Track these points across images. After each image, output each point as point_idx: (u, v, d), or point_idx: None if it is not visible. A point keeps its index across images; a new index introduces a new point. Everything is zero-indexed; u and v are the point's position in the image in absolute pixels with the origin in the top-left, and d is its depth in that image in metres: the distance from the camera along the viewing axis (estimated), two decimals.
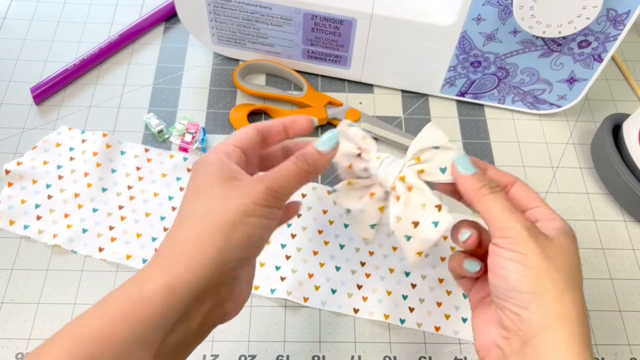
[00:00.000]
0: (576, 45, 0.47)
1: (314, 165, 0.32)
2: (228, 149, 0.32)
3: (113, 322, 0.25)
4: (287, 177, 0.30)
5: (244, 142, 0.33)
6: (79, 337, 0.25)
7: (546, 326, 0.28)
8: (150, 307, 0.26)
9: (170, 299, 0.26)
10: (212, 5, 0.51)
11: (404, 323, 0.43)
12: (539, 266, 0.29)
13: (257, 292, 0.44)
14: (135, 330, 0.25)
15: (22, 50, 0.57)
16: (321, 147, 0.32)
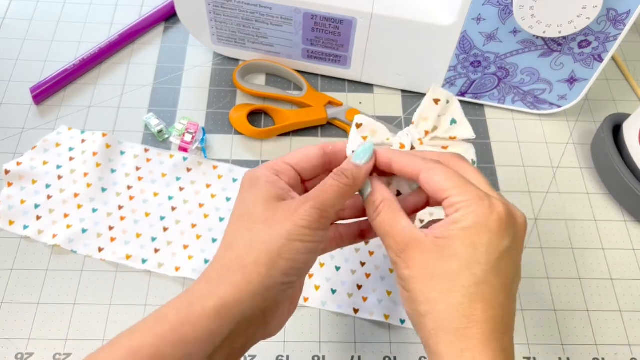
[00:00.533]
0: (576, 45, 0.47)
1: (354, 180, 0.31)
2: (279, 167, 0.31)
3: (164, 340, 0.26)
4: (331, 194, 0.30)
5: (304, 163, 0.32)
6: (128, 352, 0.26)
7: None
8: (198, 328, 0.26)
9: (218, 321, 0.27)
10: (212, 5, 0.51)
11: (404, 323, 0.43)
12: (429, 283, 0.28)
13: None
14: (183, 349, 0.26)
15: (21, 50, 0.57)
16: (358, 160, 0.31)
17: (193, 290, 0.28)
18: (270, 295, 0.28)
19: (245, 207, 0.30)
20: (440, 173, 0.29)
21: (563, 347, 0.43)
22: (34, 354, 0.41)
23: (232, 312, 0.27)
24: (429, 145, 0.36)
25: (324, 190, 0.30)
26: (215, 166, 0.50)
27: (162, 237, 0.46)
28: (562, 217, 0.49)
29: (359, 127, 0.35)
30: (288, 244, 0.28)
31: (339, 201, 0.30)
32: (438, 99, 0.35)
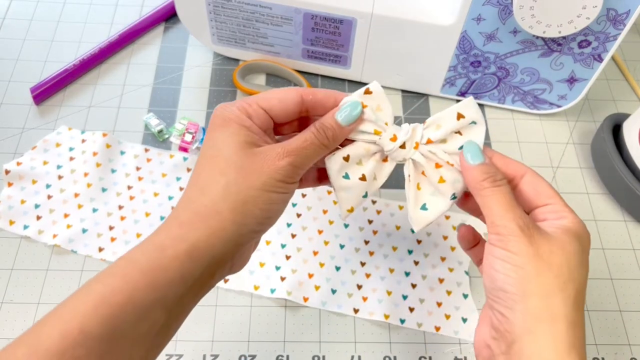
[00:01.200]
0: (576, 45, 0.47)
1: (334, 139, 0.31)
2: (253, 110, 0.31)
3: (135, 285, 0.26)
4: (309, 150, 0.30)
5: (278, 109, 0.31)
6: (100, 297, 0.26)
7: (530, 329, 0.27)
8: (170, 271, 0.27)
9: (190, 264, 0.27)
10: (212, 5, 0.51)
11: (404, 323, 0.43)
12: (527, 266, 0.28)
13: (257, 292, 0.44)
14: (155, 293, 0.26)
15: (21, 50, 0.57)
16: (342, 120, 0.31)
17: (163, 233, 0.28)
18: (242, 241, 0.29)
19: (217, 148, 0.30)
20: (545, 180, 0.32)
21: None
22: None
23: (204, 256, 0.28)
24: (423, 153, 0.33)
25: (304, 147, 0.30)
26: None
27: None
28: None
29: (366, 94, 0.33)
30: (264, 195, 0.29)
31: (314, 159, 0.31)
32: (463, 115, 0.33)
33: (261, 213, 0.29)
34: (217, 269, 0.29)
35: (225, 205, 0.28)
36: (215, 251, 0.28)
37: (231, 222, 0.28)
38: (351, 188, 0.33)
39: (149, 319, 0.26)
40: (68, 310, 0.25)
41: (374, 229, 0.47)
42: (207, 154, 0.30)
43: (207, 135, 0.31)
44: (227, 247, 0.28)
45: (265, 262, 0.45)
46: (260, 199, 0.29)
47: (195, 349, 0.41)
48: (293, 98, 0.32)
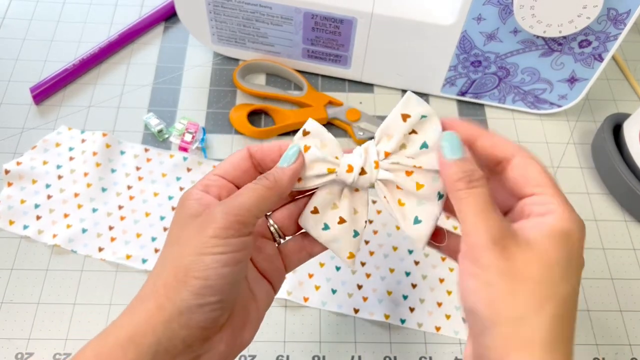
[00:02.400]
0: (577, 45, 0.47)
1: (276, 182, 0.29)
2: (209, 180, 0.30)
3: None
4: (246, 197, 0.28)
5: (232, 170, 0.30)
6: None
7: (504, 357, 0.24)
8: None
9: (133, 352, 0.25)
10: (212, 4, 0.51)
11: (405, 323, 0.43)
12: (499, 284, 0.24)
13: None
14: None
15: (21, 50, 0.57)
16: (281, 162, 0.30)
17: (112, 324, 0.26)
18: (191, 319, 0.25)
19: (172, 230, 0.28)
20: (536, 164, 0.27)
21: None
22: (34, 354, 0.40)
23: (147, 340, 0.25)
24: (387, 169, 0.30)
25: (238, 193, 0.28)
26: (216, 166, 0.50)
27: (162, 237, 0.46)
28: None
29: (305, 135, 0.31)
30: (197, 260, 0.25)
31: (257, 205, 0.28)
32: (408, 115, 0.30)
33: (197, 282, 0.25)
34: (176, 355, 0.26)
35: (160, 282, 0.26)
36: (158, 335, 0.25)
37: (166, 299, 0.25)
38: (337, 236, 0.32)
39: None
40: None
41: (374, 229, 0.47)
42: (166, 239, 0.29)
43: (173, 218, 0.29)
44: (172, 329, 0.25)
45: None
46: (193, 266, 0.25)
47: None
48: (242, 154, 0.31)
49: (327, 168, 0.31)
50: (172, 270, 0.26)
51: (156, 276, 0.27)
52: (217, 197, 0.29)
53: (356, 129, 0.52)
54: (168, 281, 0.26)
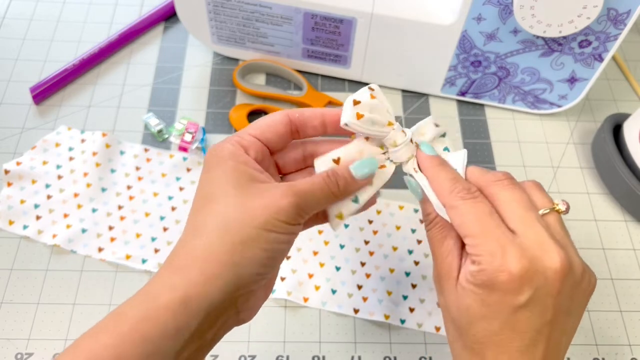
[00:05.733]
0: (577, 45, 0.47)
1: (344, 190, 0.29)
2: (246, 140, 0.29)
3: (124, 341, 0.24)
4: (316, 195, 0.28)
5: (269, 133, 0.30)
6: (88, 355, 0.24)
7: None
8: (162, 323, 0.24)
9: (185, 314, 0.25)
10: (212, 4, 0.51)
11: (404, 323, 0.43)
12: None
13: None
14: (146, 347, 0.24)
15: (21, 49, 0.57)
16: (356, 173, 0.29)
17: (156, 282, 0.26)
18: (242, 285, 0.26)
19: (212, 188, 0.27)
20: (465, 213, 0.28)
21: None
22: (33, 354, 0.40)
23: (200, 305, 0.25)
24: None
25: (311, 190, 0.28)
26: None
27: (162, 237, 0.46)
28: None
29: (355, 105, 0.30)
30: (265, 234, 0.26)
31: (320, 204, 0.29)
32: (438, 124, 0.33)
33: (263, 254, 0.26)
34: (217, 318, 0.26)
35: (221, 246, 0.26)
36: (212, 299, 0.25)
37: (229, 265, 0.25)
38: None
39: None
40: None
41: (374, 229, 0.47)
42: (202, 195, 0.28)
43: (202, 177, 0.28)
44: (227, 294, 0.26)
45: None
46: (262, 239, 0.26)
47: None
48: (281, 119, 0.30)
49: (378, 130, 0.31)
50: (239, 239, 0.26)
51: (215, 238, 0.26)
52: (255, 157, 0.29)
53: None
54: (234, 247, 0.26)
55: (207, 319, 0.26)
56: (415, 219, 0.48)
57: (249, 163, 0.28)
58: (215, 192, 0.27)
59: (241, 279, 0.26)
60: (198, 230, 0.27)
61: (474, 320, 0.28)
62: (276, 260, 0.28)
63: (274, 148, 0.31)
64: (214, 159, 0.28)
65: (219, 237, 0.26)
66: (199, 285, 0.25)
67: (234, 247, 0.26)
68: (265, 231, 0.26)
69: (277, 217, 0.26)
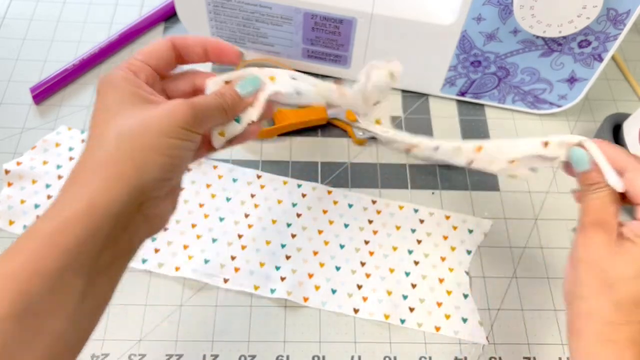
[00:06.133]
0: (576, 45, 0.47)
1: (233, 105, 0.32)
2: (135, 65, 0.31)
3: (40, 255, 0.25)
4: (210, 107, 0.30)
5: (155, 58, 0.32)
6: (5, 275, 0.24)
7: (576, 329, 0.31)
8: (75, 231, 0.25)
9: (94, 220, 0.26)
10: (212, 4, 0.51)
11: (404, 323, 0.43)
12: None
13: (257, 292, 0.44)
14: (62, 257, 0.25)
15: (21, 50, 0.57)
16: (241, 91, 0.32)
17: (62, 197, 0.27)
18: (146, 190, 0.28)
19: (109, 107, 0.29)
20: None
21: (563, 347, 0.43)
22: None
23: (107, 210, 0.26)
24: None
25: (203, 98, 0.31)
26: (215, 166, 0.50)
27: (162, 237, 0.46)
28: (562, 217, 0.49)
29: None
30: (165, 140, 0.28)
31: (214, 115, 0.31)
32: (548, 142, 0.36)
33: (163, 159, 0.28)
34: (127, 224, 0.28)
35: (123, 154, 0.27)
36: (118, 203, 0.26)
37: (131, 169, 0.27)
38: None
39: (63, 287, 0.25)
40: None
41: (374, 229, 0.47)
42: (98, 117, 0.29)
43: (97, 104, 0.29)
44: (131, 198, 0.27)
45: (265, 262, 0.45)
46: (162, 145, 0.28)
47: (195, 349, 0.41)
48: (165, 44, 0.32)
49: None
50: (139, 145, 0.27)
51: (115, 148, 0.27)
52: (146, 81, 0.30)
53: (356, 129, 0.52)
54: (135, 153, 0.27)
55: (117, 224, 0.27)
56: (415, 219, 0.48)
57: (142, 86, 0.30)
58: (111, 110, 0.28)
59: (144, 183, 0.27)
60: (98, 143, 0.28)
61: (633, 278, 0.30)
62: (176, 167, 0.29)
63: (161, 72, 0.32)
64: (106, 85, 0.29)
65: (118, 146, 0.27)
66: (103, 191, 0.26)
67: (134, 153, 0.27)
68: (165, 137, 0.28)
69: (176, 124, 0.28)
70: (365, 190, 0.49)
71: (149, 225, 0.30)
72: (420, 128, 0.53)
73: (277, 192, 0.49)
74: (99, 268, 0.27)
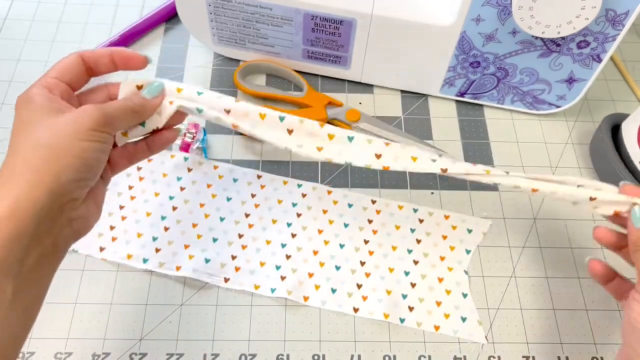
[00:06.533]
0: (575, 46, 0.47)
1: (141, 108, 0.34)
2: (50, 83, 0.32)
3: None
4: (119, 110, 0.33)
5: (67, 74, 0.33)
6: None
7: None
8: (1, 234, 0.27)
9: (19, 220, 0.27)
10: (213, 5, 0.51)
11: (404, 322, 0.43)
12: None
13: (257, 291, 0.44)
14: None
15: (22, 50, 0.57)
16: (147, 94, 0.35)
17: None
18: (65, 191, 0.29)
19: (27, 121, 0.30)
20: None
21: (562, 346, 0.43)
22: (35, 353, 0.41)
23: (30, 210, 0.28)
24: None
25: (115, 107, 0.33)
26: (216, 166, 0.50)
27: (163, 236, 0.46)
28: (561, 217, 0.49)
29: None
30: (77, 143, 0.30)
31: (124, 118, 0.33)
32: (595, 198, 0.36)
33: (77, 161, 0.30)
34: (52, 225, 0.29)
35: (38, 158, 0.29)
36: (40, 204, 0.28)
37: (48, 172, 0.29)
38: None
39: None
40: None
41: (374, 228, 0.47)
42: (16, 131, 0.30)
43: (14, 121, 0.31)
44: (52, 199, 0.29)
45: (266, 261, 0.45)
46: (75, 147, 0.30)
47: (195, 348, 0.42)
48: (75, 59, 0.34)
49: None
50: (53, 149, 0.29)
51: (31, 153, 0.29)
52: (61, 97, 0.32)
53: (356, 130, 0.52)
54: (49, 157, 0.29)
55: (40, 225, 0.28)
56: (415, 219, 0.48)
57: (55, 100, 0.32)
58: (28, 123, 0.30)
59: (62, 185, 0.29)
60: (16, 153, 0.30)
61: None
62: (91, 167, 0.31)
63: (74, 87, 0.34)
64: (22, 102, 0.31)
65: (34, 151, 0.29)
66: (24, 192, 0.28)
67: (50, 157, 0.29)
68: (76, 140, 0.30)
69: (85, 126, 0.30)
70: (365, 190, 0.49)
71: (73, 228, 0.31)
72: (419, 128, 0.54)
73: (277, 192, 0.49)
74: (26, 271, 0.28)
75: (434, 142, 0.53)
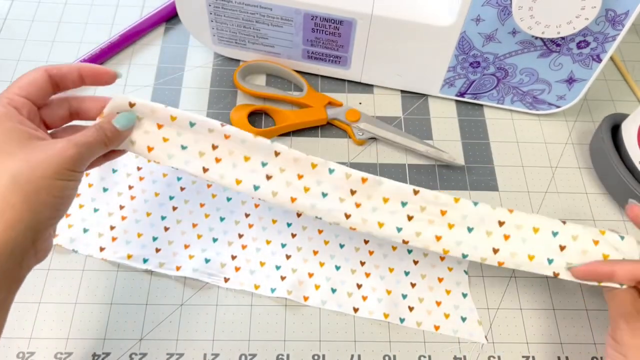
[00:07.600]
0: (575, 46, 0.47)
1: (112, 138, 0.35)
2: (16, 102, 0.32)
3: None
4: (93, 145, 0.33)
5: (33, 90, 0.33)
6: None
7: None
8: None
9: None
10: (213, 5, 0.51)
11: (404, 322, 0.43)
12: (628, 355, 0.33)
13: (257, 291, 0.44)
14: None
15: (22, 51, 0.57)
16: (119, 125, 0.36)
17: None
18: (41, 228, 0.30)
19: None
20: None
21: (562, 346, 0.43)
22: (35, 353, 0.41)
23: (6, 248, 0.28)
24: None
25: (89, 141, 0.33)
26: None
27: (163, 236, 0.46)
28: (561, 217, 0.49)
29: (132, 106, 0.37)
30: (56, 183, 0.30)
31: (98, 152, 0.34)
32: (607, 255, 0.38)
33: (55, 200, 0.30)
34: (22, 259, 0.30)
35: (17, 197, 0.29)
36: (15, 242, 0.29)
37: (27, 212, 0.29)
38: None
39: None
40: None
41: None
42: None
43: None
44: (27, 237, 0.30)
45: (266, 261, 0.45)
46: (54, 187, 0.30)
47: (195, 348, 0.42)
48: (41, 76, 0.33)
49: None
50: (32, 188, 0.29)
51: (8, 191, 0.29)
52: (28, 116, 0.32)
53: (356, 130, 0.52)
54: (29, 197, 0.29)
55: (12, 260, 0.29)
56: None
57: (24, 122, 0.32)
58: (3, 150, 0.30)
59: (39, 223, 0.30)
60: None
61: None
62: (65, 204, 0.32)
63: (38, 103, 0.34)
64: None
65: (13, 190, 0.29)
66: (1, 231, 0.28)
67: (29, 196, 0.29)
68: (56, 180, 0.30)
69: (65, 167, 0.31)
70: None
71: (37, 257, 0.32)
72: (419, 128, 0.54)
73: None
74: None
75: (434, 142, 0.53)
